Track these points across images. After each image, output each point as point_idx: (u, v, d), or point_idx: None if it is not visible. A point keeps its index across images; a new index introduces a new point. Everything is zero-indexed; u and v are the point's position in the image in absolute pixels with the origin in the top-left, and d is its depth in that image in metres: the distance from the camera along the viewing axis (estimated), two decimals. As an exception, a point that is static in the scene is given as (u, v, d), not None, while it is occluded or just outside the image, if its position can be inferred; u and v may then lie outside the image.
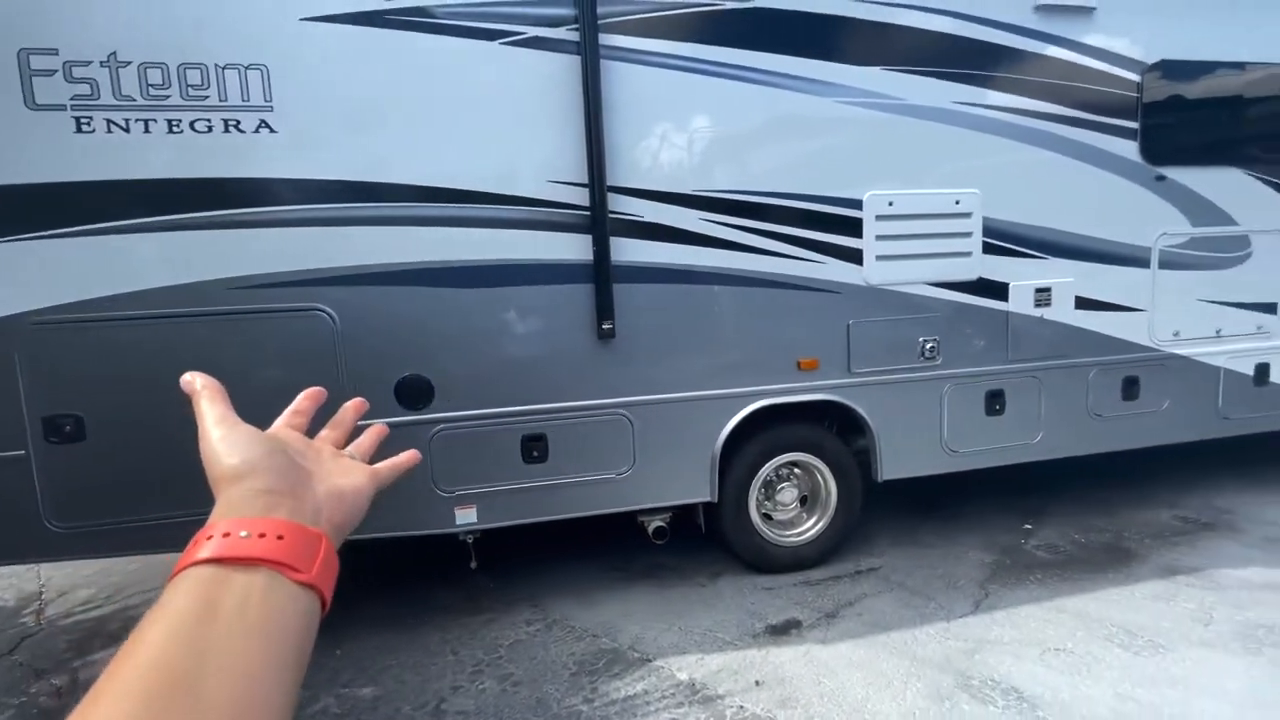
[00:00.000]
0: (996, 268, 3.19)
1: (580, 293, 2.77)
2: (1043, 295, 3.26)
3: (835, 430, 3.28)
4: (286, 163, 2.49)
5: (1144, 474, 4.11)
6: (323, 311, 2.57)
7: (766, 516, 3.26)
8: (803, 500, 3.32)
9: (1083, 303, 3.33)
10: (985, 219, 3.14)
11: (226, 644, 0.32)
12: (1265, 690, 2.14)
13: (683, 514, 3.14)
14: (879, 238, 3.02)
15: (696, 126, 2.85)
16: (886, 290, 3.07)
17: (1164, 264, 3.40)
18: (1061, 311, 3.30)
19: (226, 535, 0.36)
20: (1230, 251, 3.51)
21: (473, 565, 2.93)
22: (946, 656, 2.43)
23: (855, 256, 3.02)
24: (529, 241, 2.71)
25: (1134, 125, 3.27)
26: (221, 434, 0.43)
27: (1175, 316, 3.46)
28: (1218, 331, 3.54)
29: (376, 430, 0.56)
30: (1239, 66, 3.42)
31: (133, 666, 0.30)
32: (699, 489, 3.02)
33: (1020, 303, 3.23)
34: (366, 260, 2.59)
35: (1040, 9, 3.09)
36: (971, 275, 3.16)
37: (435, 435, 2.69)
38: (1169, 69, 3.29)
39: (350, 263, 2.58)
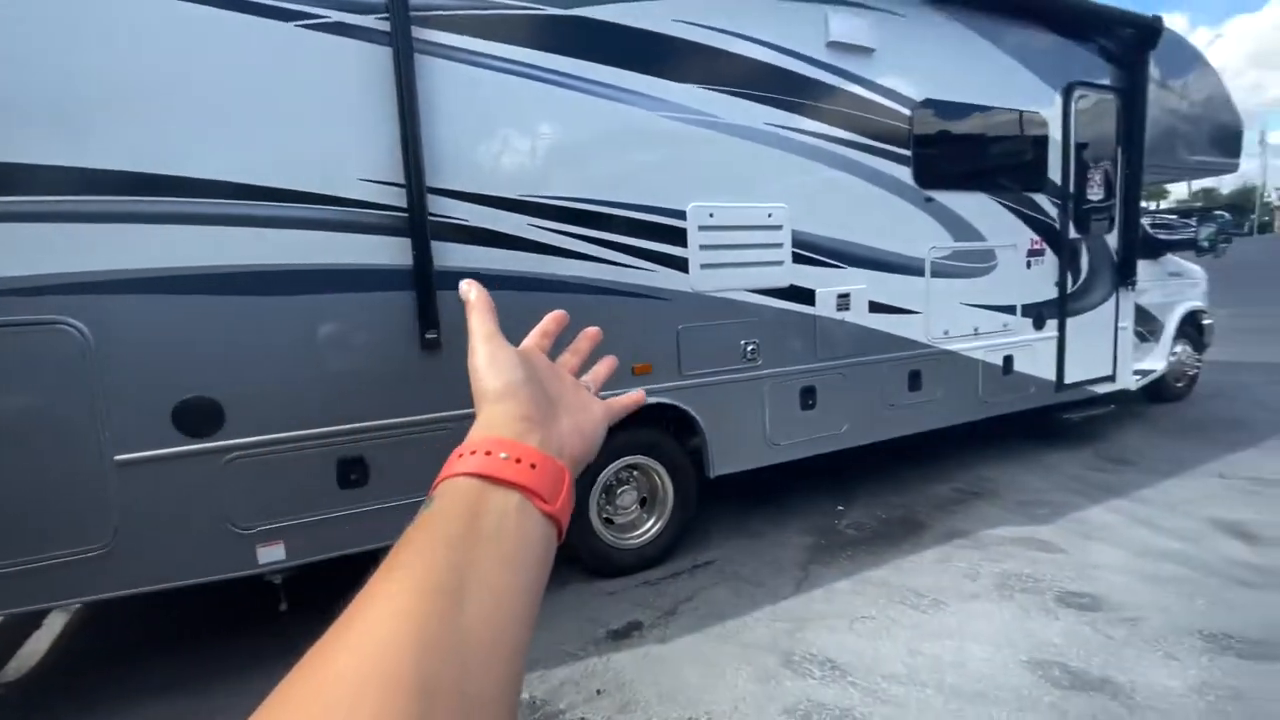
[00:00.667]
0: (805, 276, 3.51)
1: (401, 300, 2.58)
2: (843, 300, 3.65)
3: (673, 432, 3.39)
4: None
5: (930, 454, 4.77)
6: (68, 326, 2.13)
7: (608, 521, 3.28)
8: (642, 502, 3.39)
9: (875, 307, 3.78)
10: (794, 231, 3.45)
11: (486, 566, 0.32)
12: (1014, 629, 2.57)
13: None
14: (702, 247, 3.19)
15: (524, 131, 2.79)
16: (711, 297, 3.24)
17: (935, 273, 3.98)
18: (859, 315, 3.72)
19: (489, 454, 0.37)
20: (982, 263, 4.19)
21: (283, 608, 2.59)
22: (773, 638, 2.61)
23: (682, 265, 3.15)
24: (338, 244, 2.47)
25: (907, 153, 3.79)
26: (489, 351, 0.44)
27: (944, 318, 4.06)
28: (975, 330, 4.21)
29: (610, 361, 0.56)
30: (985, 109, 4.11)
31: (404, 580, 0.30)
32: (538, 500, 2.95)
33: (825, 307, 3.59)
34: (129, 264, 2.20)
35: (832, 45, 3.46)
36: (784, 282, 3.45)
37: (228, 465, 2.35)
38: (933, 107, 3.86)
39: (107, 267, 2.17)
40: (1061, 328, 4.61)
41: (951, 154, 4.05)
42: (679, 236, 3.14)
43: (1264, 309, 12.13)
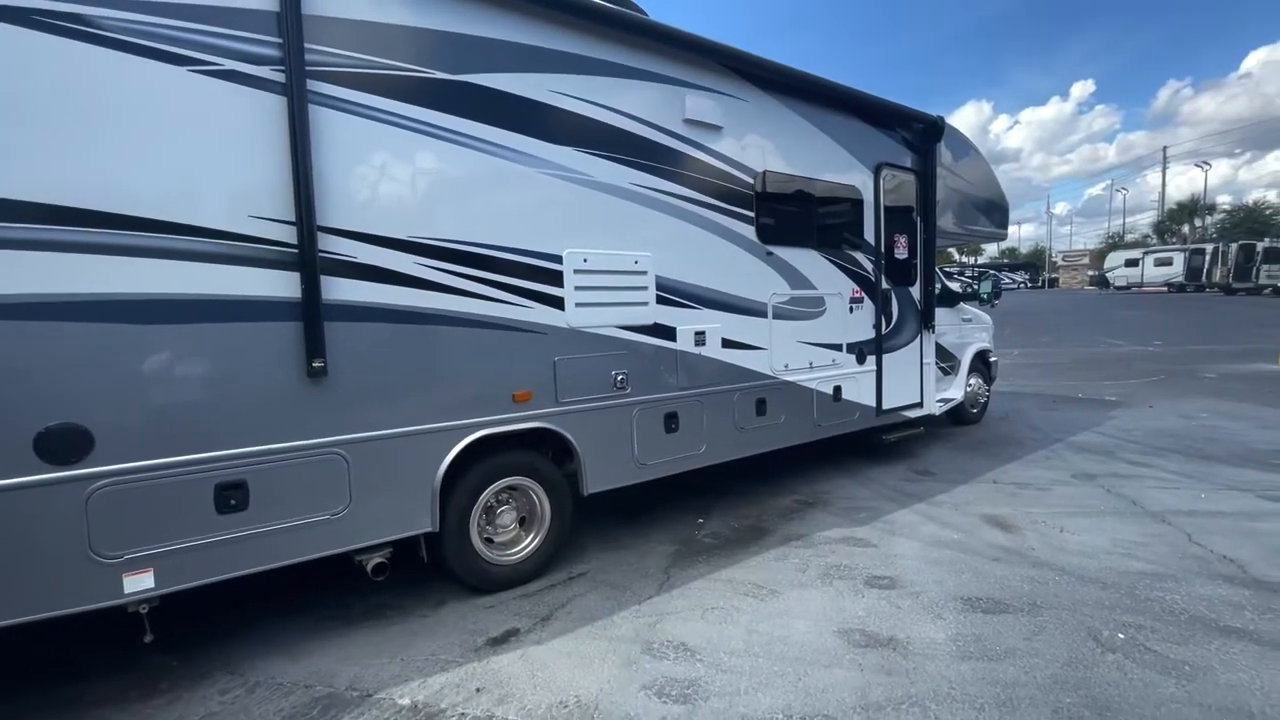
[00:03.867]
0: (667, 315, 4.02)
1: (288, 330, 2.71)
2: (700, 337, 4.21)
3: (553, 455, 3.70)
4: None
5: (778, 471, 5.45)
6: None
7: (488, 540, 3.50)
8: (521, 521, 3.64)
9: (727, 343, 4.38)
10: (657, 276, 3.96)
11: None
12: (830, 608, 3.13)
13: (404, 548, 3.20)
14: (577, 288, 3.59)
15: (413, 179, 3.06)
16: (584, 332, 3.64)
17: (776, 315, 4.68)
18: (714, 349, 4.30)
19: None
20: (814, 308, 4.98)
21: (147, 639, 2.55)
22: (636, 631, 2.97)
23: (558, 303, 3.53)
24: (226, 276, 2.58)
25: (752, 214, 4.49)
26: None
27: (784, 353, 4.76)
28: (810, 364, 4.96)
29: None
30: (813, 180, 4.94)
31: None
32: (420, 520, 3.13)
33: (685, 343, 4.12)
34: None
35: (688, 121, 4.08)
36: (649, 321, 3.94)
37: (94, 493, 2.34)
38: (771, 176, 4.61)
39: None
40: (879, 363, 5.53)
41: (787, 216, 4.82)
42: (556, 278, 3.52)
43: (1047, 348, 14.78)
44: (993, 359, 7.77)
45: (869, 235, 5.40)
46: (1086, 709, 2.29)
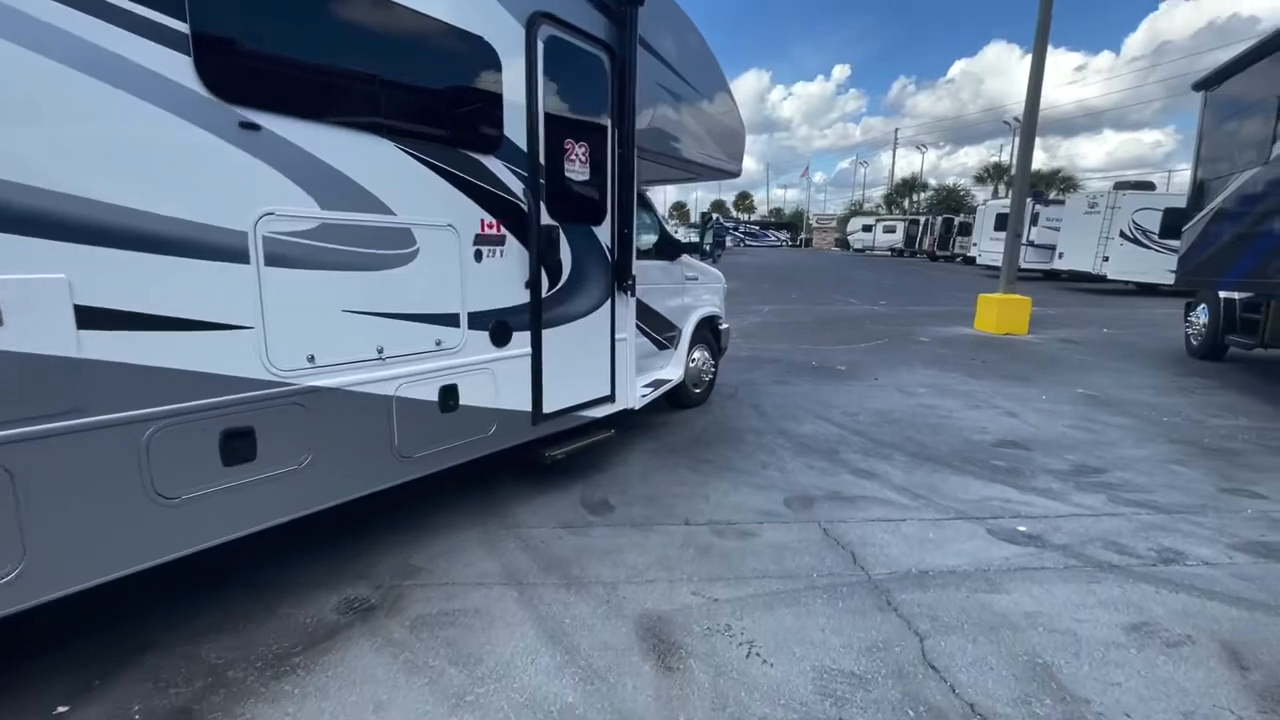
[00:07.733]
0: None
1: None
2: (-21, 306, 1.68)
3: None
4: None
5: (365, 516, 3.22)
6: None
7: None
8: None
9: (104, 319, 1.91)
10: None
11: None
12: None
13: None
14: None
15: None
16: None
17: (276, 260, 2.30)
18: (46, 335, 1.80)
19: None
20: (388, 248, 2.70)
21: None
22: None
23: None
24: None
25: (183, 29, 2.00)
26: None
27: (307, 335, 2.44)
28: (380, 351, 2.72)
29: None
30: None
31: None
32: None
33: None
34: None
35: None
36: None
37: None
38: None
39: None
40: (537, 343, 3.51)
41: (303, 50, 2.40)
42: None
43: (794, 305, 14.74)
44: (723, 326, 6.36)
45: (514, 133, 3.23)
46: None
